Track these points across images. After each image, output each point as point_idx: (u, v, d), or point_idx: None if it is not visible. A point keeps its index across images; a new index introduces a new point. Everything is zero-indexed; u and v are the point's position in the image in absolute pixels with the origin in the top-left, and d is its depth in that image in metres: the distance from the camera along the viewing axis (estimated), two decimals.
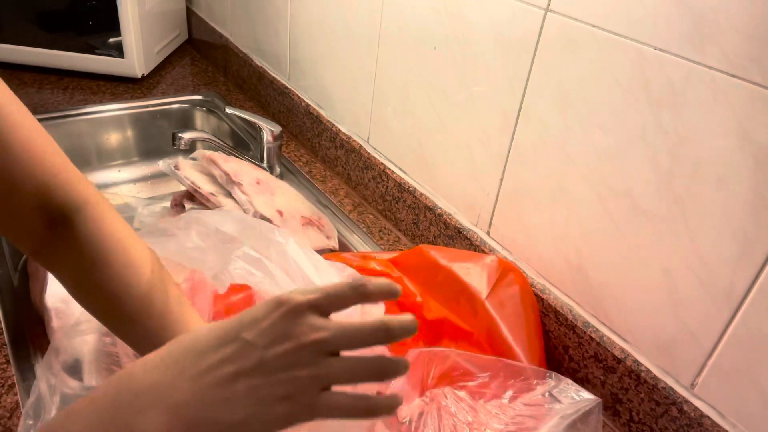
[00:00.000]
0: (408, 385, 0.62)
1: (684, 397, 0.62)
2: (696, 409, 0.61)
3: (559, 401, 0.62)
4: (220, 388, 0.36)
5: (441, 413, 0.61)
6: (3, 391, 0.63)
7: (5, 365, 0.66)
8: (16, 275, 0.81)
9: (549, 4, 0.66)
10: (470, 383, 0.64)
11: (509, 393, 0.64)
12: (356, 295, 0.39)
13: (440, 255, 0.76)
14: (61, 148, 0.50)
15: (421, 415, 0.61)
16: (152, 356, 0.39)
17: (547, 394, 0.63)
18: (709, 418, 0.60)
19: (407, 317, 0.38)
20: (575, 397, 0.62)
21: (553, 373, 0.65)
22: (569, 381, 0.64)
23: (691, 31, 0.54)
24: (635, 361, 0.66)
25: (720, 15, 0.52)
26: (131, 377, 0.38)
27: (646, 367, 0.65)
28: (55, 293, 0.68)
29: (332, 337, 0.37)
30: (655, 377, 0.64)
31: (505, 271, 0.74)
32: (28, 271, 0.80)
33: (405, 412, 0.61)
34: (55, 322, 0.66)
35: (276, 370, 0.36)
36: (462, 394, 0.63)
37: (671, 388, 0.63)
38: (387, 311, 0.67)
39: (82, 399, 0.38)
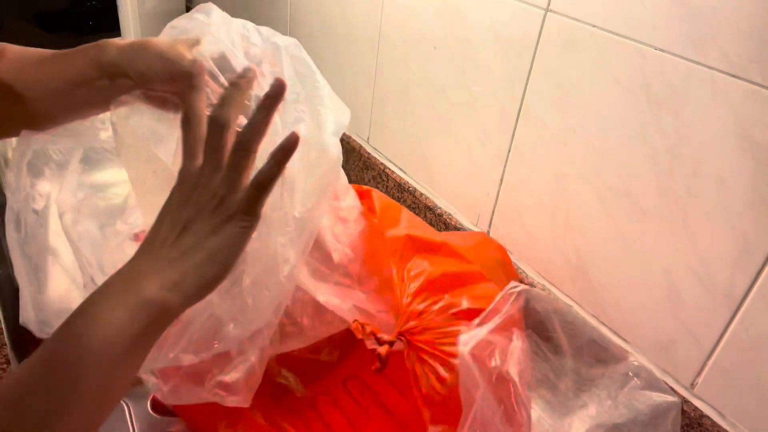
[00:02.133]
0: (504, 318, 0.60)
1: (684, 397, 0.62)
2: (696, 409, 0.61)
3: (640, 390, 0.61)
4: (177, 258, 0.40)
5: (525, 358, 0.60)
6: None
7: (5, 365, 0.66)
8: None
9: (549, 4, 0.66)
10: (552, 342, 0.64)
11: (590, 360, 0.64)
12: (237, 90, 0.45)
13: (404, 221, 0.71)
14: None
15: (510, 354, 0.59)
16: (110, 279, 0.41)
17: (631, 377, 0.62)
18: (709, 418, 0.60)
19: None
20: (655, 388, 0.61)
21: (636, 358, 0.64)
22: (650, 368, 0.63)
23: (691, 31, 0.54)
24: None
25: (720, 15, 0.52)
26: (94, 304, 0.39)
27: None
28: (57, 295, 0.67)
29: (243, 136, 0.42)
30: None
31: (485, 241, 0.74)
32: None
33: (496, 339, 0.59)
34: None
35: (206, 204, 0.41)
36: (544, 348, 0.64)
37: (671, 388, 0.63)
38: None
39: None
